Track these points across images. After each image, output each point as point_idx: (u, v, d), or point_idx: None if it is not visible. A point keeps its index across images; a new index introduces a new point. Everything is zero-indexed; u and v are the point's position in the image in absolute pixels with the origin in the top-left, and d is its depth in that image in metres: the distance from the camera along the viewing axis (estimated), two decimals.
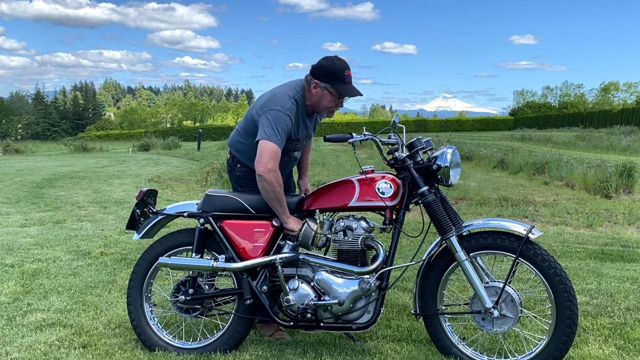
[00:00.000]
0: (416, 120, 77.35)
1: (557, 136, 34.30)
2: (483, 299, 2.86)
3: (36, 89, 76.21)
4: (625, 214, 7.65)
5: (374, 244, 2.97)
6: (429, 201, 2.91)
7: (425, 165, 2.95)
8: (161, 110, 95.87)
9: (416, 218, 6.74)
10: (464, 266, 2.88)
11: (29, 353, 3.10)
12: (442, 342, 3.03)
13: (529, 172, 13.03)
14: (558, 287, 2.77)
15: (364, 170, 3.03)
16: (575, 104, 76.61)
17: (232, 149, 3.38)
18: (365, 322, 2.98)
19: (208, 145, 31.16)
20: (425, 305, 3.02)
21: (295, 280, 3.01)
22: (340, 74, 3.02)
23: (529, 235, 2.78)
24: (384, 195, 2.94)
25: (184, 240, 3.21)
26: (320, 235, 3.01)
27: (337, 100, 3.10)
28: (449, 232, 2.89)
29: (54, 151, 30.26)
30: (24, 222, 7.12)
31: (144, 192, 3.24)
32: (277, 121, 2.98)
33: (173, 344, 3.18)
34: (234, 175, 3.39)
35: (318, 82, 3.05)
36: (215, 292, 3.17)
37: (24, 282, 4.44)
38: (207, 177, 11.79)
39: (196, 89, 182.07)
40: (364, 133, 2.98)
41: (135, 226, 3.28)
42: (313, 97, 3.11)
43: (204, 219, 3.13)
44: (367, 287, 2.91)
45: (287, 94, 3.10)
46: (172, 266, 3.12)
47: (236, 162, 3.35)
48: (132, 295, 3.22)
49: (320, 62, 3.08)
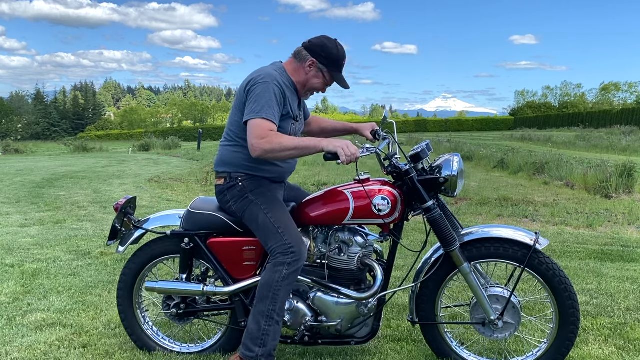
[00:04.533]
0: (416, 120, 77.35)
1: (557, 136, 34.29)
2: (488, 311, 2.79)
3: (36, 89, 76.34)
4: (625, 214, 7.65)
5: (372, 265, 2.85)
6: (435, 217, 2.75)
7: (431, 177, 2.77)
8: (161, 110, 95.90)
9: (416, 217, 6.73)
10: (469, 278, 2.78)
11: (29, 353, 3.10)
12: (441, 348, 2.96)
13: (529, 172, 13.02)
14: (563, 295, 2.74)
15: (359, 179, 2.85)
16: (575, 104, 76.60)
17: (224, 167, 2.91)
18: (364, 336, 2.91)
19: (208, 145, 31.14)
20: (423, 314, 2.92)
21: (291, 300, 2.87)
22: (341, 61, 2.85)
23: (537, 245, 2.71)
24: (380, 212, 2.75)
25: (170, 249, 3.06)
26: (314, 251, 2.90)
27: (324, 85, 2.90)
28: (453, 245, 2.76)
29: (54, 151, 30.24)
30: (24, 222, 7.12)
31: (121, 204, 3.09)
32: (263, 95, 2.66)
33: (171, 348, 3.15)
34: (226, 203, 2.91)
35: (316, 61, 2.81)
36: (207, 307, 3.07)
37: (24, 282, 4.44)
38: (207, 177, 11.79)
39: (196, 89, 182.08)
40: (366, 146, 2.74)
41: (117, 237, 3.11)
42: (303, 76, 2.85)
43: (188, 238, 2.97)
44: (366, 311, 2.83)
45: (268, 68, 2.83)
46: (160, 291, 3.02)
47: (231, 182, 2.87)
48: (123, 304, 3.13)
49: (322, 42, 2.83)
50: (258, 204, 2.80)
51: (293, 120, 2.87)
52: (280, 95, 2.72)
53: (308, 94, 2.97)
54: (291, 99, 2.83)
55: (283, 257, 2.68)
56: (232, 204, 2.86)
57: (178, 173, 14.13)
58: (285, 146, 2.61)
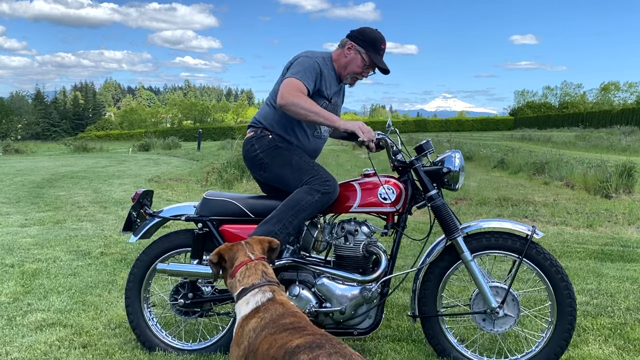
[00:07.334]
0: (416, 120, 77.42)
1: (557, 136, 34.31)
2: (489, 299, 2.84)
3: (36, 89, 76.24)
4: (625, 214, 7.65)
5: (376, 250, 2.94)
6: (438, 205, 2.89)
7: (435, 168, 2.93)
8: (161, 110, 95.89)
9: (415, 218, 6.74)
10: (470, 266, 2.86)
11: (29, 353, 3.10)
12: (442, 344, 2.99)
13: (529, 172, 13.02)
14: (560, 285, 2.80)
15: (366, 173, 3.00)
16: (575, 104, 76.60)
17: (260, 118, 3.13)
18: (367, 327, 2.95)
19: (208, 145, 31.16)
20: (425, 308, 2.98)
21: (296, 287, 2.95)
22: (378, 44, 3.05)
23: (534, 235, 2.80)
24: (386, 200, 2.91)
25: (182, 242, 3.16)
26: (321, 241, 2.99)
27: (364, 67, 3.07)
28: (455, 233, 2.88)
29: (54, 151, 30.25)
30: (24, 222, 7.12)
31: (139, 193, 3.20)
32: (302, 64, 2.94)
33: (173, 345, 3.17)
34: (253, 152, 3.07)
35: (354, 44, 3.03)
36: (215, 297, 3.12)
37: (24, 282, 4.44)
38: (207, 177, 11.79)
39: (196, 89, 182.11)
40: (378, 132, 2.92)
41: (132, 228, 3.23)
42: (344, 59, 3.06)
43: (202, 223, 3.08)
44: (369, 295, 2.88)
45: (315, 51, 3.09)
46: (171, 272, 3.09)
47: (262, 133, 3.07)
48: (130, 296, 3.20)
49: (361, 28, 3.10)
50: (290, 150, 3.02)
51: (327, 100, 3.05)
52: (317, 70, 2.95)
53: (349, 79, 3.12)
54: (328, 80, 3.03)
55: (319, 186, 2.88)
56: (259, 152, 3.04)
57: (178, 173, 14.13)
58: (307, 107, 2.80)
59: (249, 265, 2.04)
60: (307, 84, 2.88)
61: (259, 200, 3.08)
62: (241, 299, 1.95)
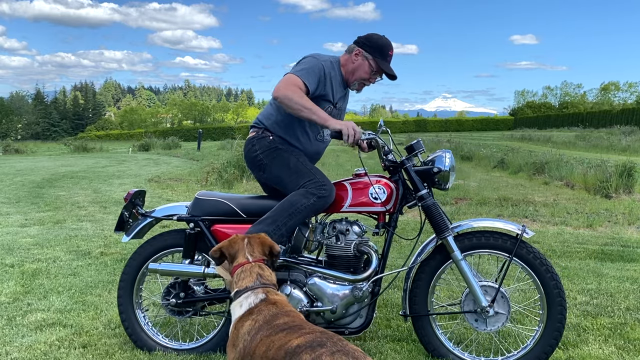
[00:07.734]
0: (416, 120, 77.44)
1: (557, 136, 34.32)
2: (479, 297, 2.86)
3: (36, 89, 76.40)
4: (625, 214, 7.65)
5: (367, 250, 2.94)
6: (429, 204, 2.90)
7: (425, 168, 2.94)
8: (161, 110, 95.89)
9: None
10: (461, 265, 2.87)
11: (29, 353, 3.10)
12: (433, 343, 3.00)
13: (529, 172, 13.02)
14: (550, 284, 2.82)
15: (357, 173, 3.01)
16: (575, 104, 76.61)
17: (262, 119, 3.14)
18: (358, 326, 2.96)
19: (208, 145, 31.17)
20: (416, 307, 2.99)
21: (288, 286, 2.95)
22: (385, 50, 3.05)
23: (523, 235, 2.82)
24: (377, 200, 2.92)
25: (173, 242, 3.16)
26: (312, 240, 3.00)
27: (372, 74, 3.07)
28: (446, 232, 2.89)
29: (54, 151, 30.25)
30: (24, 222, 7.12)
31: (132, 193, 3.20)
32: (308, 63, 2.95)
33: (169, 346, 3.16)
34: (253, 153, 3.09)
35: (361, 50, 3.04)
36: (207, 296, 3.12)
37: (24, 282, 4.44)
38: (207, 177, 11.79)
39: (196, 89, 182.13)
40: (368, 132, 2.94)
41: (124, 228, 3.22)
42: (351, 65, 3.07)
43: (194, 223, 3.08)
44: (360, 294, 2.88)
45: (323, 54, 3.11)
46: (162, 272, 3.09)
47: (263, 134, 3.09)
48: (123, 295, 3.19)
49: (368, 34, 3.10)
50: (289, 152, 3.03)
51: (332, 105, 3.07)
52: (322, 73, 2.96)
53: (357, 85, 3.13)
54: (334, 84, 3.04)
55: (316, 190, 2.88)
56: (259, 152, 3.06)
57: (178, 173, 14.13)
58: (301, 102, 2.80)
59: (245, 267, 2.07)
60: (307, 83, 2.89)
61: (251, 201, 3.08)
62: (235, 301, 1.98)
